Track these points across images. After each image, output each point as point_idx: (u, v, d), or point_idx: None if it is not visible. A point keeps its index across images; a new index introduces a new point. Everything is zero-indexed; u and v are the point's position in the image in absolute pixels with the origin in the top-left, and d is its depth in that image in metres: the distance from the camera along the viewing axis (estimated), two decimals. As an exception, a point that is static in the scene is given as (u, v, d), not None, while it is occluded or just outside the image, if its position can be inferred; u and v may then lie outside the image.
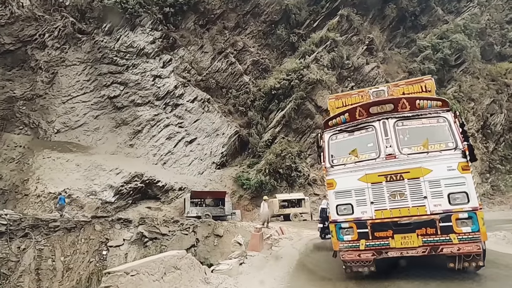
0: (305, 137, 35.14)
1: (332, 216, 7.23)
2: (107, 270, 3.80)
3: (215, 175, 34.00)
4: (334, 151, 7.54)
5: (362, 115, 7.47)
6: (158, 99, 33.93)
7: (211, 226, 20.69)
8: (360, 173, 7.05)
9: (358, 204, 6.97)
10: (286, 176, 32.56)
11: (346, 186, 7.15)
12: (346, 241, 6.97)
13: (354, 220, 6.96)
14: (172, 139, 34.17)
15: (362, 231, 6.85)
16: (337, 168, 7.32)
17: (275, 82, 35.61)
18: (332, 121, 7.86)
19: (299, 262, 10.40)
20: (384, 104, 7.35)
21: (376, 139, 7.15)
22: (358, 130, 7.48)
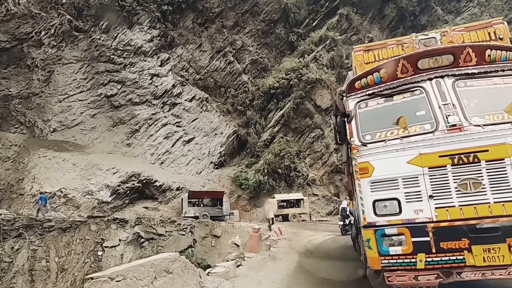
0: (304, 136, 34.84)
1: (367, 218, 4.97)
2: (89, 276, 3.49)
3: (213, 175, 33.68)
4: (365, 123, 5.43)
5: (407, 71, 5.38)
6: (155, 98, 33.59)
7: (209, 226, 20.38)
8: (410, 153, 4.89)
9: (408, 199, 4.81)
10: (285, 176, 32.26)
11: (389, 173, 4.94)
12: (394, 256, 4.75)
13: (405, 223, 4.77)
14: (170, 139, 33.84)
15: (419, 239, 4.67)
16: (373, 147, 5.14)
17: (274, 81, 35.33)
18: (360, 81, 5.74)
19: (298, 263, 10.11)
20: (440, 55, 5.27)
21: (429, 105, 5.08)
22: (400, 94, 5.39)
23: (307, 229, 23.19)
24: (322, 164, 35.23)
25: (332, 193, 34.82)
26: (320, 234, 19.96)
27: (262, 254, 10.68)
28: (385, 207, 4.92)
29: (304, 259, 11.00)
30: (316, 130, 34.90)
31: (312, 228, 24.07)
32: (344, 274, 8.02)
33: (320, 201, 34.11)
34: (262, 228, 20.15)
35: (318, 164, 35.10)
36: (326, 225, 26.49)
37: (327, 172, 35.29)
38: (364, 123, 5.45)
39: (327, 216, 33.48)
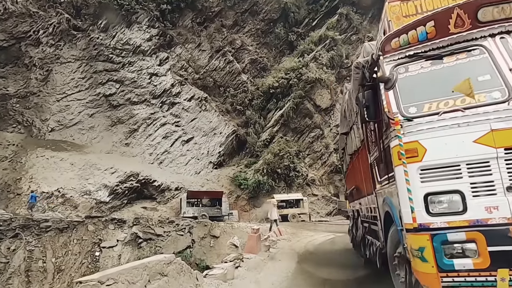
0: (304, 136, 34.67)
1: (418, 218, 3.64)
2: (78, 279, 3.31)
3: (212, 175, 33.49)
4: (408, 92, 4.12)
5: (462, 24, 4.09)
6: (154, 97, 33.39)
7: (207, 226, 20.19)
8: (477, 128, 3.59)
9: (476, 192, 3.53)
10: (284, 176, 32.08)
11: (447, 156, 3.64)
12: (462, 272, 3.40)
13: (475, 225, 3.45)
14: (169, 138, 33.64)
15: (499, 249, 3.31)
16: (423, 121, 3.82)
17: (274, 81, 35.16)
18: (398, 39, 4.38)
19: (298, 264, 9.93)
20: (509, 3, 4.02)
21: (495, 67, 3.85)
22: (452, 55, 4.10)
23: (307, 229, 23.02)
24: (322, 164, 35.06)
25: (332, 193, 34.65)
26: (320, 235, 19.79)
27: (261, 255, 10.50)
28: (445, 203, 3.60)
29: (304, 260, 10.82)
30: (316, 130, 34.72)
31: (312, 228, 23.90)
32: (345, 274, 7.84)
33: (319, 201, 33.94)
34: (262, 229, 19.98)
35: (317, 164, 34.93)
36: (325, 226, 26.33)
37: (327, 172, 35.13)
38: (407, 92, 4.11)
39: (327, 216, 33.32)
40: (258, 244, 11.03)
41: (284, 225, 23.45)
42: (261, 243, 11.56)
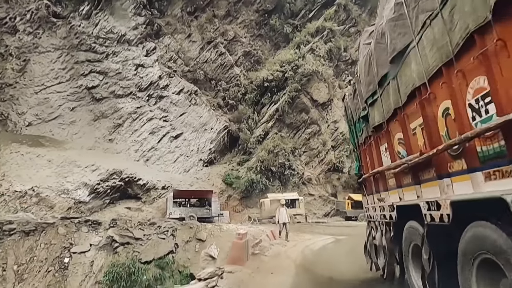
0: (300, 132, 32.70)
1: None
2: None
3: (202, 173, 31.40)
4: None
5: None
6: (140, 90, 31.25)
7: (193, 229, 18.10)
8: None
9: None
10: (279, 175, 30.10)
11: None
12: None
13: None
14: (156, 134, 31.51)
15: None
16: None
17: (268, 73, 33.18)
18: None
19: (296, 278, 7.93)
20: None
21: None
22: None
23: (303, 231, 21.04)
24: (319, 162, 33.14)
25: (329, 193, 32.74)
26: (318, 238, 17.81)
27: (248, 267, 8.49)
28: None
29: (303, 271, 8.82)
30: (313, 126, 32.78)
31: (309, 230, 21.92)
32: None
33: (316, 202, 32.02)
34: (253, 232, 17.94)
35: (314, 162, 32.99)
36: (323, 227, 24.35)
37: (324, 170, 33.21)
38: None
39: (324, 217, 31.37)
40: (245, 252, 9.01)
41: (278, 227, 21.44)
42: (249, 250, 9.54)
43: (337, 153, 33.76)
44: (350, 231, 22.28)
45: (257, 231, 18.08)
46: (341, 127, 34.25)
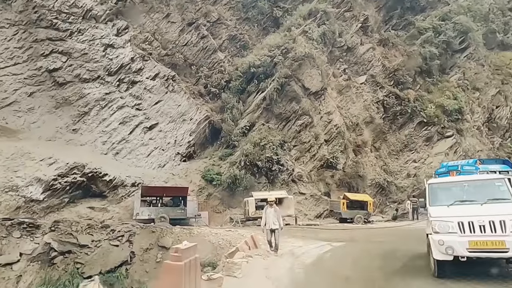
0: (290, 124, 29.32)
1: None
2: None
3: (179, 169, 27.80)
4: None
5: None
6: (110, 74, 27.52)
7: (156, 233, 14.54)
8: None
9: None
10: (266, 171, 26.67)
11: None
12: None
13: None
14: (127, 124, 27.80)
15: None
16: None
17: (255, 58, 29.74)
18: None
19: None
20: None
21: None
22: None
23: (293, 236, 17.65)
24: (311, 158, 29.82)
25: (322, 192, 29.45)
26: (311, 244, 14.44)
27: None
28: None
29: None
30: (304, 117, 29.43)
31: (299, 235, 18.53)
32: None
33: (307, 201, 28.68)
34: (231, 237, 14.49)
35: (305, 158, 29.65)
36: (316, 231, 20.99)
37: (316, 167, 29.91)
38: None
39: (316, 219, 28.06)
40: (187, 280, 5.41)
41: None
42: (197, 275, 6.01)
43: (331, 147, 30.49)
44: (347, 235, 18.97)
45: (235, 237, 14.62)
46: (335, 119, 31.03)
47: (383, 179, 31.76)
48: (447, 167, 15.33)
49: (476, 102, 37.80)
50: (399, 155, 34.58)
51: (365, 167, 32.04)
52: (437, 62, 36.89)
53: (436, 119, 34.28)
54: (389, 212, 31.45)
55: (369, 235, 18.62)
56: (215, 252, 13.13)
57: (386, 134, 34.71)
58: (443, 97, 35.25)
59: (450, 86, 36.63)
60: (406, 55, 36.74)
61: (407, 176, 33.28)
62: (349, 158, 31.45)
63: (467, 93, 37.12)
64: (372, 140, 34.11)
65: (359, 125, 33.18)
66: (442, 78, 37.75)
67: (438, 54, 36.87)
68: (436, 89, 36.78)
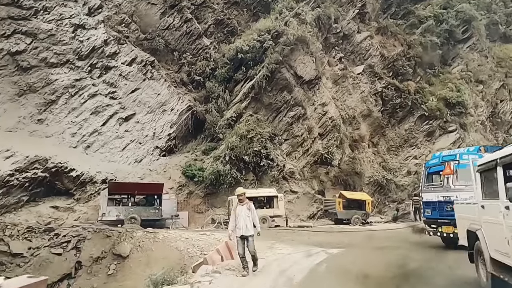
0: (281, 116, 26.72)
1: None
2: None
3: (157, 164, 25.05)
4: None
5: None
6: (80, 58, 24.69)
7: (111, 238, 11.81)
8: None
9: None
10: (254, 166, 24.03)
11: None
12: None
13: None
14: (100, 115, 25.00)
15: None
16: None
17: (243, 43, 27.06)
18: None
19: None
20: None
21: None
22: None
23: (281, 240, 15.04)
24: (303, 153, 27.25)
25: (316, 190, 26.91)
26: (302, 252, 11.82)
27: None
28: None
29: None
30: (296, 108, 26.86)
31: (288, 238, 15.93)
32: None
33: (300, 201, 26.11)
34: (203, 243, 11.89)
35: (297, 153, 27.08)
36: (308, 234, 18.38)
37: (309, 163, 27.36)
38: None
39: (309, 220, 25.52)
40: None
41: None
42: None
43: (326, 142, 27.96)
44: (345, 239, 16.39)
45: (210, 242, 11.95)
46: (330, 111, 28.50)
47: (381, 177, 29.33)
48: (440, 158, 12.55)
49: (480, 96, 35.57)
50: (399, 151, 32.17)
51: (362, 163, 29.57)
52: (439, 52, 34.61)
53: (438, 113, 31.96)
54: (388, 212, 29.01)
55: (370, 239, 16.07)
56: (182, 262, 10.46)
57: (385, 129, 32.28)
58: (446, 90, 32.94)
59: (452, 78, 34.35)
60: (406, 44, 34.32)
61: (408, 173, 30.89)
62: (345, 153, 28.94)
63: (470, 85, 34.86)
64: (370, 135, 31.65)
65: (356, 118, 30.71)
66: (444, 70, 35.48)
67: (439, 43, 34.60)
68: (438, 81, 34.47)
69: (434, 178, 12.81)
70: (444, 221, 11.24)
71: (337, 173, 27.79)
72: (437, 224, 11.68)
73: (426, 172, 13.27)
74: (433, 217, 12.09)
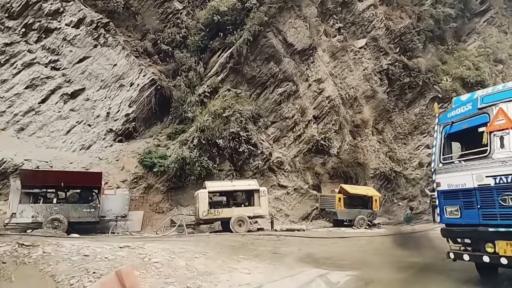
0: (267, 92, 21.65)
1: None
2: None
3: (110, 151, 19.81)
4: None
5: None
6: (11, 17, 19.50)
7: None
8: None
9: None
10: (231, 153, 18.90)
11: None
12: None
13: None
14: (39, 89, 19.79)
15: None
16: None
17: (221, 4, 21.94)
18: None
19: None
20: None
21: None
22: None
23: (256, 254, 9.98)
24: (295, 139, 22.23)
25: (310, 185, 21.88)
26: (283, 279, 6.70)
27: None
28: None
29: None
30: (286, 83, 21.83)
31: (268, 249, 10.85)
32: None
33: (290, 197, 21.09)
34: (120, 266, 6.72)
35: (288, 139, 22.03)
36: (299, 241, 13.19)
37: (302, 151, 22.34)
38: None
39: (302, 221, 20.50)
40: None
41: (211, 245, 10.15)
42: None
43: (322, 126, 22.99)
44: (351, 249, 11.34)
45: (119, 264, 6.79)
46: (327, 89, 23.50)
47: (389, 169, 24.39)
48: (478, 101, 6.25)
49: (500, 76, 30.76)
50: (408, 139, 27.26)
51: (365, 153, 24.60)
52: (453, 25, 29.77)
53: (454, 94, 27.02)
54: (397, 212, 24.09)
55: (390, 252, 10.97)
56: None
57: (391, 113, 27.32)
58: (462, 68, 28.11)
59: (469, 55, 29.53)
60: (415, 16, 29.40)
61: (419, 165, 25.98)
62: (345, 141, 23.99)
63: (489, 64, 30.05)
64: (374, 120, 26.68)
65: (358, 100, 25.74)
66: (458, 46, 30.66)
67: (454, 16, 29.77)
68: (452, 58, 29.64)
69: (465, 143, 7.03)
70: (502, 229, 5.45)
71: (336, 164, 22.77)
72: (479, 236, 5.81)
73: (442, 135, 6.78)
74: (466, 221, 6.03)
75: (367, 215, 18.88)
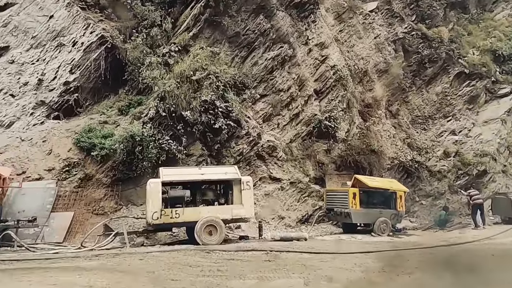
0: (255, 56, 16.48)
1: None
2: None
3: (38, 131, 14.44)
4: None
5: None
6: None
7: None
8: None
9: None
10: (203, 130, 13.65)
11: None
12: None
13: None
14: None
15: None
16: None
17: None
18: None
19: None
20: None
21: None
22: None
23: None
24: (292, 119, 17.11)
25: (311, 177, 16.70)
26: None
27: None
28: None
29: None
30: (280, 45, 16.72)
31: (250, 281, 5.56)
32: None
33: (285, 194, 15.91)
34: None
35: (282, 118, 16.90)
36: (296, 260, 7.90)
37: (301, 134, 17.24)
38: None
39: (300, 225, 15.36)
40: None
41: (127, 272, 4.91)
42: None
43: (326, 103, 17.96)
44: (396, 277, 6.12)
45: None
46: (332, 56, 18.45)
47: (409, 159, 19.41)
48: None
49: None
50: (429, 123, 22.25)
51: (379, 139, 19.58)
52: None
53: (484, 70, 22.33)
54: (419, 213, 19.09)
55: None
56: None
57: (408, 93, 22.31)
58: (492, 39, 23.42)
59: (498, 25, 24.84)
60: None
61: (445, 155, 20.99)
62: (355, 123, 18.99)
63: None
64: (388, 100, 21.71)
65: (369, 74, 20.74)
66: (483, 16, 25.94)
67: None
68: (478, 29, 24.87)
69: None
70: None
71: (344, 152, 17.65)
72: None
73: None
74: None
75: (390, 217, 13.80)
